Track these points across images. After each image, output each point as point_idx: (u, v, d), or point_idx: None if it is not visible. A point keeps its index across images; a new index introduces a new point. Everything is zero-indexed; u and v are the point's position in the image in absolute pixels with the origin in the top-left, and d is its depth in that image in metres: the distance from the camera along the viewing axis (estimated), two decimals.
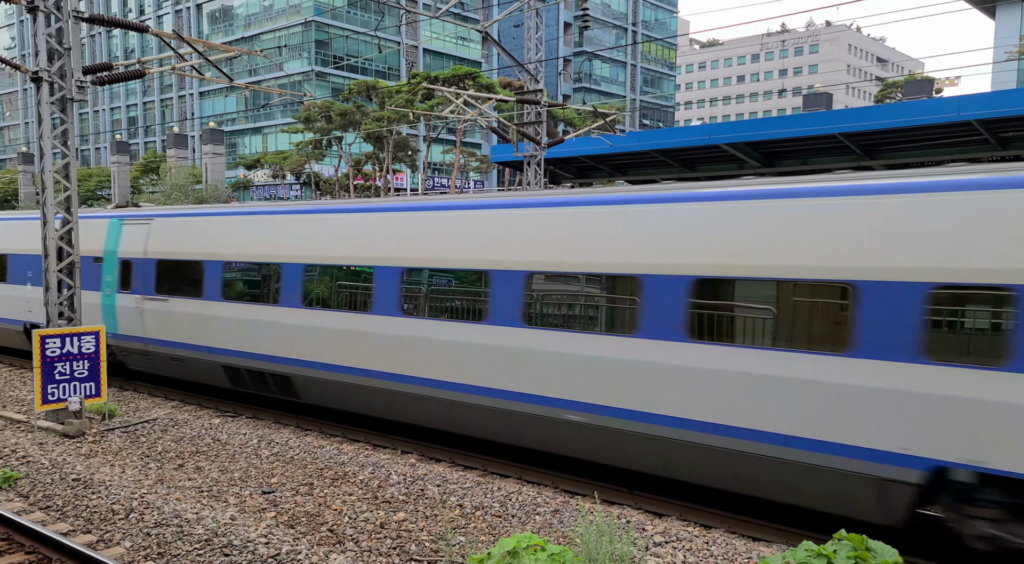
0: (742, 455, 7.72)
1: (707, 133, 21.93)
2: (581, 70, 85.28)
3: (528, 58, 20.13)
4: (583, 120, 47.18)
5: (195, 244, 13.55)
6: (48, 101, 11.73)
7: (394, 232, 10.81)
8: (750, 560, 6.99)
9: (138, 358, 14.81)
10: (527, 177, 20.35)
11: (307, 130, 49.96)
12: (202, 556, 6.99)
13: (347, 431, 11.93)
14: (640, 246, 8.38)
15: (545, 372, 8.97)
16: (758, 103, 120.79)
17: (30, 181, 64.79)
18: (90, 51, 78.64)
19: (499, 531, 7.74)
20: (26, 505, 8.41)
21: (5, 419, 12.20)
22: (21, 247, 17.13)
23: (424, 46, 69.34)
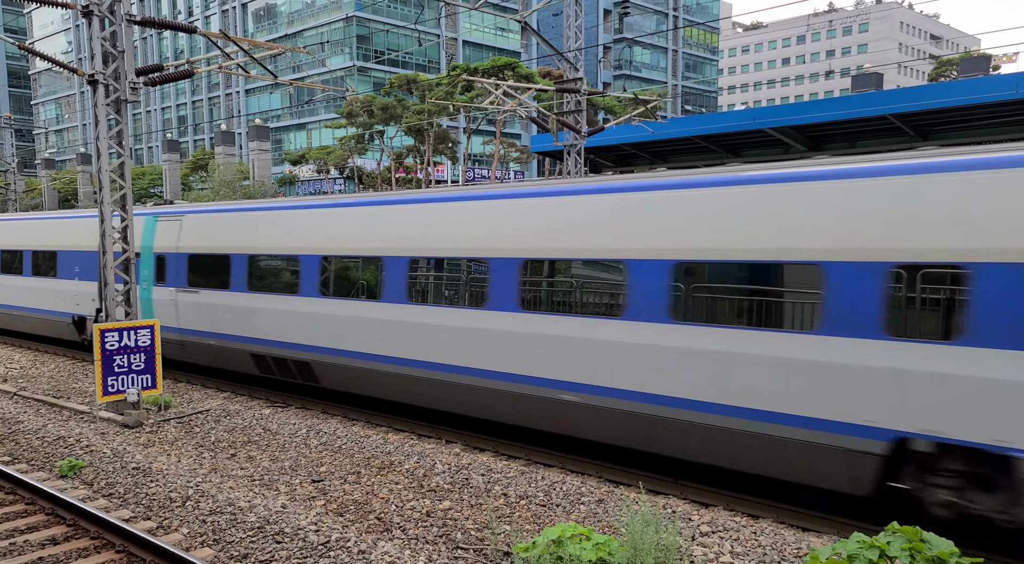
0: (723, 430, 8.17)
1: (751, 117, 21.53)
2: (621, 57, 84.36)
3: (567, 46, 20.02)
4: (623, 107, 46.72)
5: (222, 238, 14.20)
6: (104, 103, 12.11)
7: (408, 223, 11.42)
8: (799, 551, 6.90)
9: (174, 348, 15.42)
10: (567, 166, 20.28)
11: (349, 125, 50.57)
12: (255, 543, 7.20)
13: (392, 421, 12.11)
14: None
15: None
16: (804, 86, 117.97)
17: (88, 181, 67.02)
18: (142, 53, 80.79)
19: (544, 520, 7.79)
20: (90, 492, 8.76)
21: (69, 410, 12.70)
22: (69, 244, 18.05)
23: (463, 38, 69.42)
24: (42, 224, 19.49)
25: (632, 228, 8.74)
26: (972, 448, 6.70)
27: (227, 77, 73.06)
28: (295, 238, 12.82)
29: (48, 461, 9.98)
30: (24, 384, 14.97)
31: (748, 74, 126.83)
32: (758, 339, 7.74)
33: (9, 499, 8.40)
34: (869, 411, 7.13)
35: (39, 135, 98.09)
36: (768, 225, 7.78)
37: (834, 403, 7.32)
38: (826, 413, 7.38)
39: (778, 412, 7.65)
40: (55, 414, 12.50)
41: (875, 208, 7.22)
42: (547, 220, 9.62)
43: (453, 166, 57.68)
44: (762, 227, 7.81)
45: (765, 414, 7.75)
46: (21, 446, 10.68)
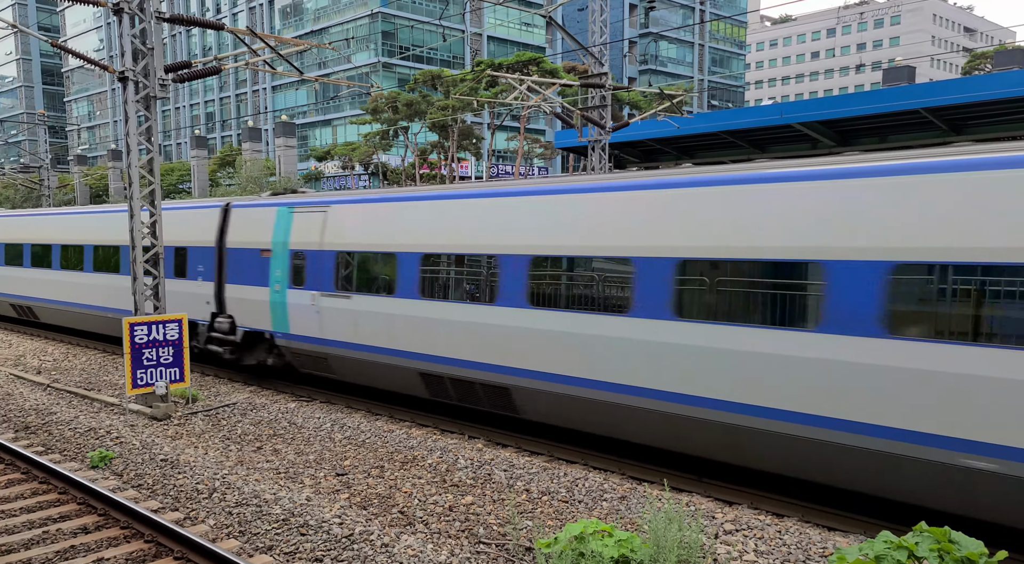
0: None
1: (778, 112, 21.28)
2: (647, 52, 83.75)
3: (592, 41, 19.91)
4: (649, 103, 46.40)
5: (386, 233, 11.82)
6: (133, 99, 12.29)
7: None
8: (825, 550, 6.82)
9: (313, 361, 13.32)
10: (591, 162, 20.19)
11: (374, 121, 50.81)
12: (280, 535, 7.28)
13: (416, 416, 12.17)
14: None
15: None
16: (834, 80, 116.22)
17: (119, 177, 68.15)
18: (171, 50, 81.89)
19: (566, 516, 7.78)
20: (120, 483, 8.91)
21: (100, 402, 12.94)
22: (178, 239, 16.52)
23: (488, 33, 69.39)
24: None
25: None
26: None
27: (254, 74, 73.78)
28: (493, 233, 10.36)
29: (80, 452, 10.18)
30: (57, 376, 15.28)
31: (776, 68, 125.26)
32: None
33: (43, 488, 8.58)
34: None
35: (72, 132, 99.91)
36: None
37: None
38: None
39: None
40: (86, 406, 12.74)
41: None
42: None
43: (477, 162, 57.74)
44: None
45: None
46: (54, 437, 10.90)
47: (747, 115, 22.63)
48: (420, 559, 6.67)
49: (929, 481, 6.90)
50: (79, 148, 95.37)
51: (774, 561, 6.64)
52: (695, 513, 7.66)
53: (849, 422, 7.20)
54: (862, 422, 7.12)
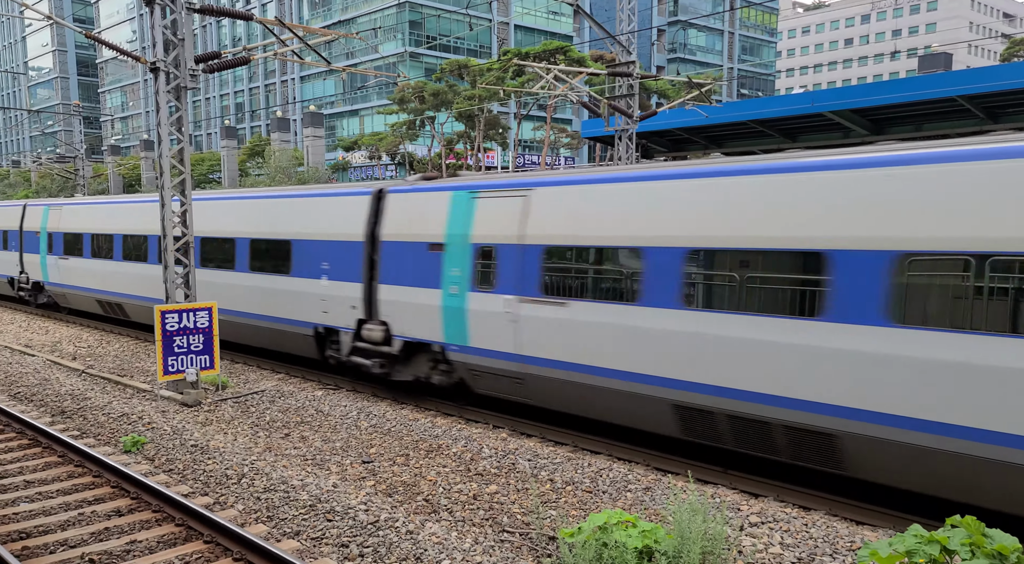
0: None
1: (810, 100, 20.93)
2: (676, 40, 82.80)
3: (620, 29, 19.73)
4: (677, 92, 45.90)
5: (627, 222, 9.32)
6: (165, 89, 12.46)
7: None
8: (853, 544, 6.74)
9: (499, 381, 10.94)
10: (618, 152, 20.05)
11: (401, 111, 50.94)
12: (307, 520, 7.38)
13: (440, 406, 12.23)
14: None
15: None
16: (867, 67, 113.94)
17: (151, 166, 69.21)
18: (201, 41, 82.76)
19: (589, 507, 7.78)
20: (152, 467, 9.10)
21: (133, 388, 13.20)
22: (314, 230, 14.44)
23: (515, 22, 69.09)
24: (268, 204, 15.15)
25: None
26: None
27: (282, 64, 74.32)
28: (835, 223, 7.57)
29: (113, 436, 10.40)
30: (91, 362, 15.60)
31: (808, 56, 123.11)
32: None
33: (78, 471, 8.79)
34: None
35: (105, 122, 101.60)
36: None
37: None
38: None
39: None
40: (119, 391, 13.00)
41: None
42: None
43: (503, 152, 57.65)
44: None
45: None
46: (88, 421, 11.15)
47: (777, 104, 22.30)
48: (444, 546, 6.72)
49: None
50: (113, 138, 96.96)
51: (801, 554, 6.58)
52: (720, 505, 7.61)
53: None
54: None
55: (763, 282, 8.06)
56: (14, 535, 7.00)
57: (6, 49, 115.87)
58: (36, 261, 22.75)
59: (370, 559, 6.54)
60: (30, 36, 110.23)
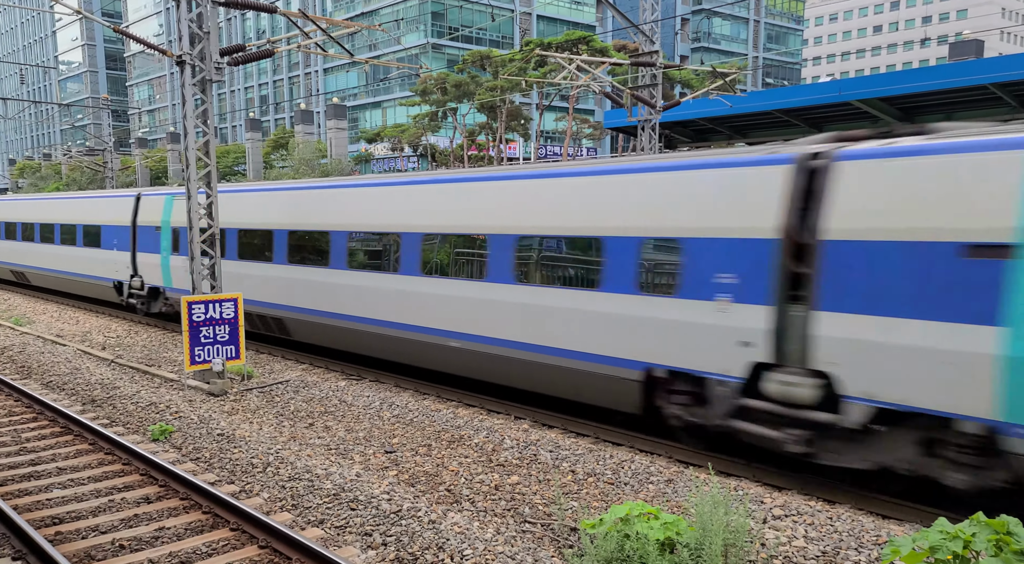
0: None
1: (837, 89, 20.61)
2: (699, 29, 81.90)
3: (644, 19, 19.56)
4: (701, 81, 45.44)
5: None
6: (190, 82, 12.59)
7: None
8: (879, 538, 6.68)
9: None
10: (641, 142, 19.92)
11: (423, 103, 51.01)
12: (331, 509, 7.46)
13: (462, 396, 12.28)
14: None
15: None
16: (897, 55, 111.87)
17: (177, 159, 70.06)
18: (226, 34, 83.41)
19: (611, 498, 7.79)
20: (179, 456, 9.25)
21: (160, 378, 13.42)
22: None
23: (537, 12, 68.77)
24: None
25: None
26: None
27: (306, 56, 74.73)
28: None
29: (141, 425, 10.59)
30: (120, 352, 15.88)
31: (835, 44, 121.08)
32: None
33: (108, 459, 8.97)
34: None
35: (133, 115, 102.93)
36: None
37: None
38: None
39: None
40: (147, 381, 13.22)
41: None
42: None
43: (525, 143, 57.52)
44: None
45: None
46: (118, 410, 11.36)
47: (803, 93, 22.01)
48: (466, 536, 6.76)
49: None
50: (140, 131, 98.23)
51: (825, 548, 6.54)
52: (743, 497, 7.58)
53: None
54: None
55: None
56: (48, 520, 7.17)
57: (37, 43, 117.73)
58: (155, 262, 19.10)
59: (393, 548, 6.61)
60: (60, 31, 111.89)
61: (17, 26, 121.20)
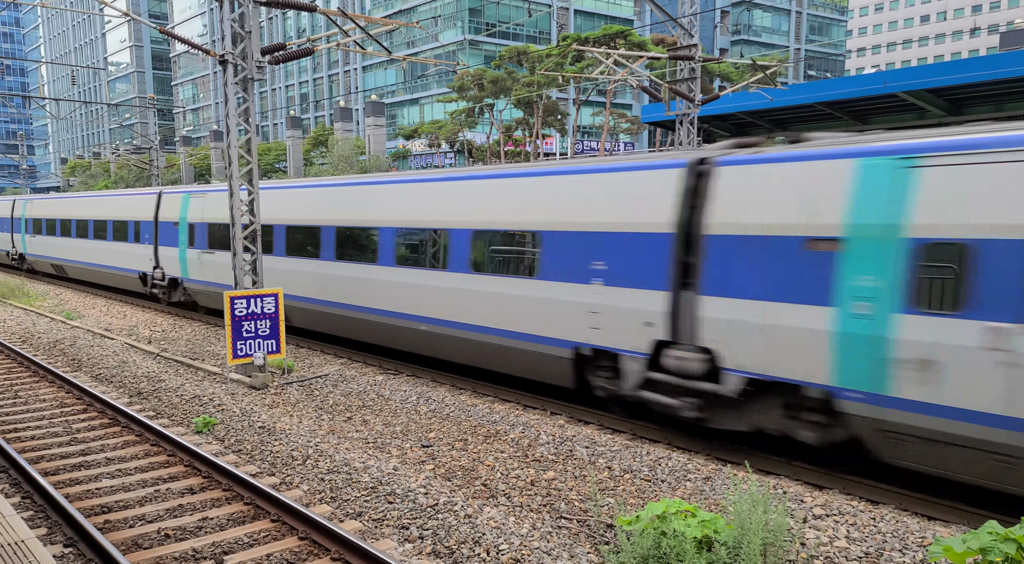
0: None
1: (882, 81, 20.11)
2: (740, 22, 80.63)
3: (682, 12, 19.33)
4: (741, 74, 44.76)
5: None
6: (233, 81, 12.82)
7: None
8: (924, 540, 6.52)
9: None
10: (679, 136, 19.71)
11: (460, 99, 51.18)
12: (368, 502, 7.55)
13: (498, 392, 12.31)
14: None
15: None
16: (945, 45, 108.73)
17: (220, 156, 71.45)
18: (267, 33, 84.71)
19: (648, 495, 7.74)
20: (222, 448, 9.45)
21: (204, 371, 13.72)
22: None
23: (575, 7, 68.44)
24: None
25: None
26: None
27: (345, 54, 75.50)
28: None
29: (186, 417, 10.84)
30: (165, 346, 16.27)
31: (881, 35, 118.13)
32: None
33: (153, 450, 9.20)
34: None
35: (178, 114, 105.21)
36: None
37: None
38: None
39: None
40: (191, 374, 13.53)
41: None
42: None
43: (562, 138, 57.35)
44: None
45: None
46: (163, 403, 11.65)
47: (847, 85, 21.50)
48: (502, 531, 6.78)
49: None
50: (184, 129, 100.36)
51: (868, 549, 6.41)
52: (782, 496, 7.46)
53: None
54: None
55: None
56: (97, 509, 7.39)
57: (88, 46, 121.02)
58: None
59: (430, 541, 6.66)
60: (109, 33, 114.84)
61: (68, 29, 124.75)
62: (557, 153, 58.27)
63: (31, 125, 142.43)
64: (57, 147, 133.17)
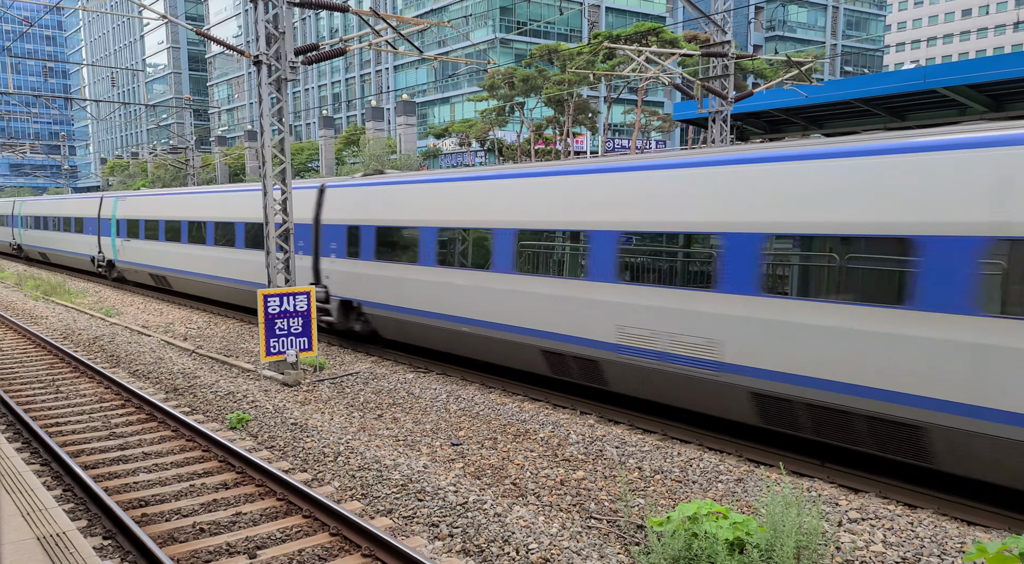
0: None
1: (921, 76, 19.66)
2: (774, 17, 79.52)
3: (715, 8, 19.11)
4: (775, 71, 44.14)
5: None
6: (266, 81, 12.98)
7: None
8: (963, 545, 6.37)
9: None
10: (712, 134, 19.49)
11: (491, 98, 51.22)
12: (399, 499, 7.60)
13: (528, 390, 12.31)
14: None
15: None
16: (987, 40, 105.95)
17: (254, 156, 72.47)
18: (300, 34, 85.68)
19: (679, 496, 7.67)
20: (255, 444, 9.58)
21: (238, 368, 13.92)
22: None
23: (606, 4, 68.06)
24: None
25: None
26: None
27: (377, 54, 76.04)
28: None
29: (220, 414, 11.01)
30: (200, 343, 16.55)
31: (921, 29, 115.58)
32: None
33: (189, 446, 9.36)
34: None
35: (213, 114, 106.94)
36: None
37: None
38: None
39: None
40: (225, 371, 13.74)
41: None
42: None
43: (592, 137, 57.11)
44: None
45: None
46: (198, 399, 11.84)
47: (884, 81, 21.05)
48: (532, 530, 6.78)
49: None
50: (219, 129, 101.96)
51: (905, 554, 6.27)
52: (816, 499, 7.34)
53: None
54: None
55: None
56: (135, 503, 7.54)
57: (126, 48, 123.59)
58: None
59: (459, 539, 6.68)
60: (148, 35, 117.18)
61: (109, 32, 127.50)
62: (588, 151, 58.03)
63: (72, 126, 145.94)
64: (97, 147, 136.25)
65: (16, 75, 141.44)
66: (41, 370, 13.80)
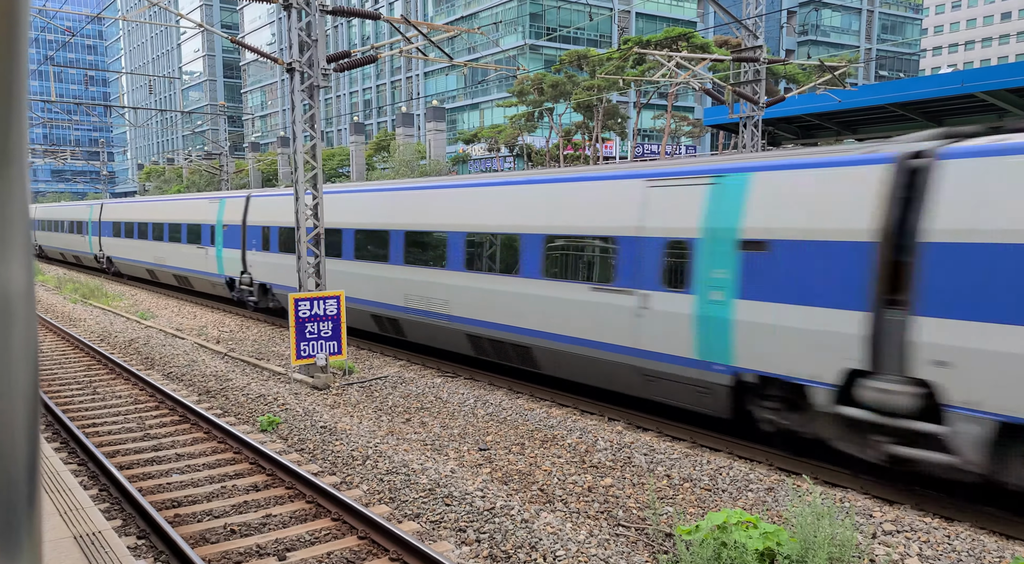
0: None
1: (959, 81, 19.30)
2: (807, 22, 78.62)
3: (747, 13, 18.96)
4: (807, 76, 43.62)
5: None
6: (299, 89, 13.17)
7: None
8: (1002, 560, 6.21)
9: None
10: (743, 139, 19.32)
11: (520, 103, 51.34)
12: (426, 504, 7.62)
13: (556, 396, 12.28)
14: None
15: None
16: None
17: (287, 162, 73.44)
18: (333, 41, 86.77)
19: (708, 505, 7.59)
20: (285, 446, 9.69)
21: (269, 371, 14.10)
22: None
23: (637, 10, 67.88)
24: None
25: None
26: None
27: (408, 60, 76.65)
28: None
29: (251, 416, 11.15)
30: (232, 346, 16.79)
31: (958, 33, 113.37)
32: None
33: (220, 447, 9.50)
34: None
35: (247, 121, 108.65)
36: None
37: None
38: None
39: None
40: (257, 374, 13.92)
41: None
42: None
43: (622, 142, 56.91)
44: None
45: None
46: (230, 401, 12.01)
47: (920, 85, 20.70)
48: (559, 537, 6.75)
49: None
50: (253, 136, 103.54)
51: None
52: (849, 510, 7.21)
53: None
54: None
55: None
56: (168, 503, 7.67)
57: (163, 56, 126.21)
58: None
59: (486, 545, 6.68)
60: (184, 43, 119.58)
61: (147, 41, 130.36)
62: (617, 157, 57.83)
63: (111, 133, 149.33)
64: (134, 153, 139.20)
65: (59, 83, 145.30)
66: (79, 371, 14.11)
